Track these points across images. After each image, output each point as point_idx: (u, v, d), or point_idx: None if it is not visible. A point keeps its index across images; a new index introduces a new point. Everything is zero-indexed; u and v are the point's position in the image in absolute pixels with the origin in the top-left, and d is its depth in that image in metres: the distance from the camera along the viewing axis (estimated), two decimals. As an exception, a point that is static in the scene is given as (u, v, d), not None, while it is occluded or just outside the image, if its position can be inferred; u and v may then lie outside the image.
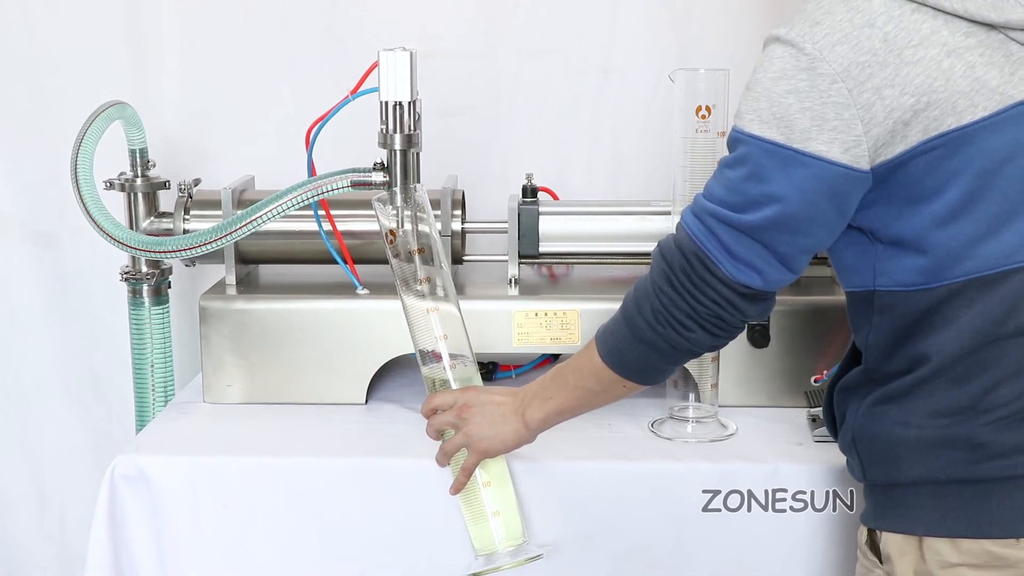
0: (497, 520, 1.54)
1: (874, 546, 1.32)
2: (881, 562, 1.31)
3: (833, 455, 1.61)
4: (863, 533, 1.34)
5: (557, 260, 1.91)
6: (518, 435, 1.49)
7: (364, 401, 1.84)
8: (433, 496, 1.61)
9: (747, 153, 1.23)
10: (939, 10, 1.17)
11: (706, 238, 1.26)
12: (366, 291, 1.86)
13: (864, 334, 1.31)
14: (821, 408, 1.67)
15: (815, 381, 1.76)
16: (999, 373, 1.21)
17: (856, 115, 1.18)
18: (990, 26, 1.17)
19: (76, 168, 1.79)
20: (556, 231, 1.85)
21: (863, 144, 1.19)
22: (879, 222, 1.25)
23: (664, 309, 1.30)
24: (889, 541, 1.28)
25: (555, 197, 1.96)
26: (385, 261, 1.92)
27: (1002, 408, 1.21)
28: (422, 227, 1.61)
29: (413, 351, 1.84)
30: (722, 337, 1.32)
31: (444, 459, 1.55)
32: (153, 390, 2.00)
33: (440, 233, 1.86)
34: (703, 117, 1.65)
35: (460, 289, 1.88)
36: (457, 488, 1.54)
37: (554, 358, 1.91)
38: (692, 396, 1.74)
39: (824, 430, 1.65)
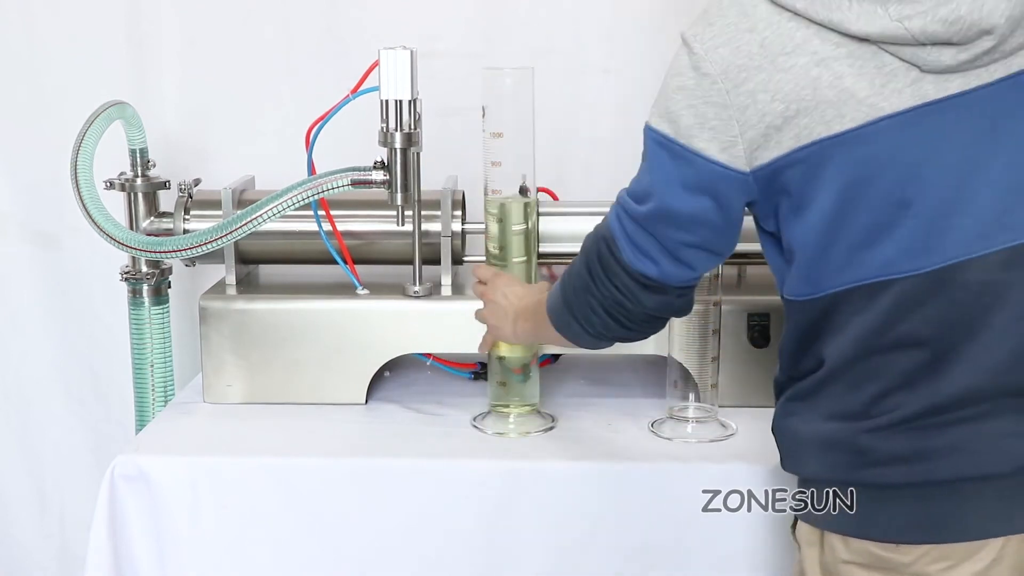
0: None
1: (795, 534, 1.35)
2: (799, 549, 1.34)
3: (833, 455, 1.62)
4: (790, 520, 1.37)
5: (557, 260, 1.91)
6: (511, 335, 1.61)
7: (364, 401, 1.84)
8: (433, 496, 1.61)
9: (647, 144, 1.27)
10: (812, 20, 1.17)
11: (616, 226, 1.31)
12: (366, 291, 1.86)
13: (783, 335, 1.34)
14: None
15: (815, 381, 1.75)
16: (886, 382, 1.22)
17: (732, 116, 1.20)
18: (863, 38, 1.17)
19: (76, 168, 1.79)
20: (555, 231, 1.85)
21: (739, 145, 1.21)
22: (777, 230, 1.27)
23: (582, 289, 1.35)
24: (801, 530, 1.32)
25: (555, 197, 1.96)
26: (385, 261, 1.93)
27: (884, 417, 1.22)
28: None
29: (413, 351, 1.85)
30: (629, 328, 1.35)
31: (479, 322, 1.67)
32: (153, 390, 2.00)
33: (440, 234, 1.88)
34: None
35: (460, 289, 1.88)
36: (480, 348, 1.72)
37: (554, 358, 1.91)
38: (692, 396, 1.73)
39: (824, 430, 1.66)
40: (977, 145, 1.17)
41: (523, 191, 1.69)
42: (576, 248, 1.88)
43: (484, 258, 1.77)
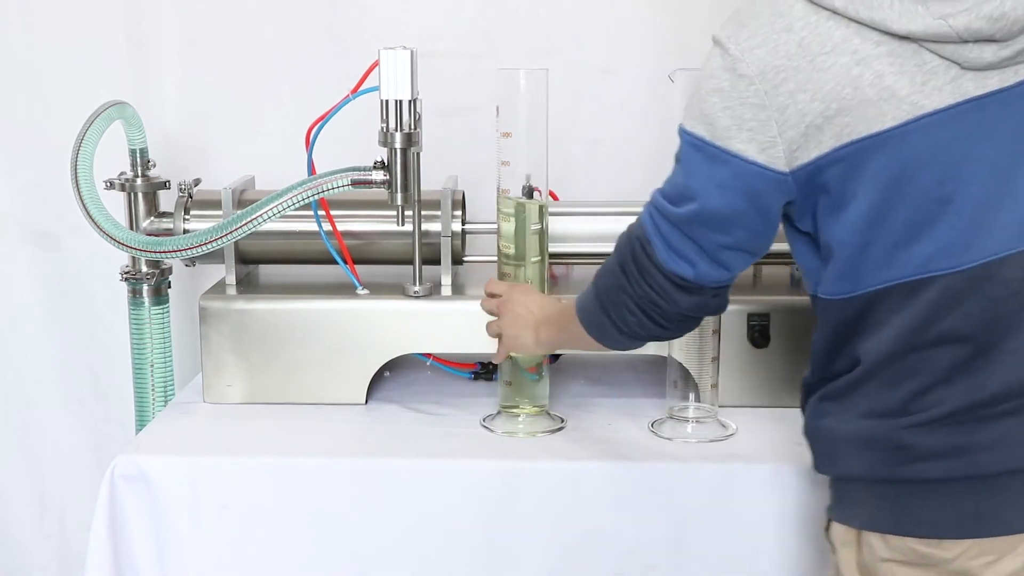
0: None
1: (828, 535, 1.35)
2: (833, 551, 1.34)
3: (833, 455, 1.62)
4: (824, 521, 1.37)
5: (557, 260, 1.91)
6: (533, 345, 1.60)
7: (364, 401, 1.84)
8: (433, 496, 1.61)
9: (681, 148, 1.28)
10: (851, 19, 1.18)
11: (650, 228, 1.30)
12: (366, 291, 1.86)
13: (814, 336, 1.35)
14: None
15: (815, 381, 1.75)
16: (926, 379, 1.22)
17: (771, 117, 1.20)
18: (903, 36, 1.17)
19: (76, 168, 1.79)
20: (556, 231, 1.85)
21: (778, 146, 1.21)
22: (814, 229, 1.27)
23: (616, 289, 1.35)
24: (836, 531, 1.32)
25: (555, 197, 1.96)
26: (385, 261, 1.93)
27: (924, 413, 1.22)
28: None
29: (413, 351, 1.85)
30: (664, 327, 1.35)
31: (491, 336, 1.67)
32: (153, 390, 2.00)
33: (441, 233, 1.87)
34: None
35: (460, 289, 1.88)
36: (496, 359, 1.71)
37: (554, 358, 1.91)
38: (692, 396, 1.73)
39: (824, 430, 1.66)
40: (1017, 141, 1.18)
41: (529, 191, 1.70)
42: (576, 248, 1.91)
43: (495, 258, 1.75)
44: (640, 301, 1.33)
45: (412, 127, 1.76)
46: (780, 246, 1.35)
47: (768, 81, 1.19)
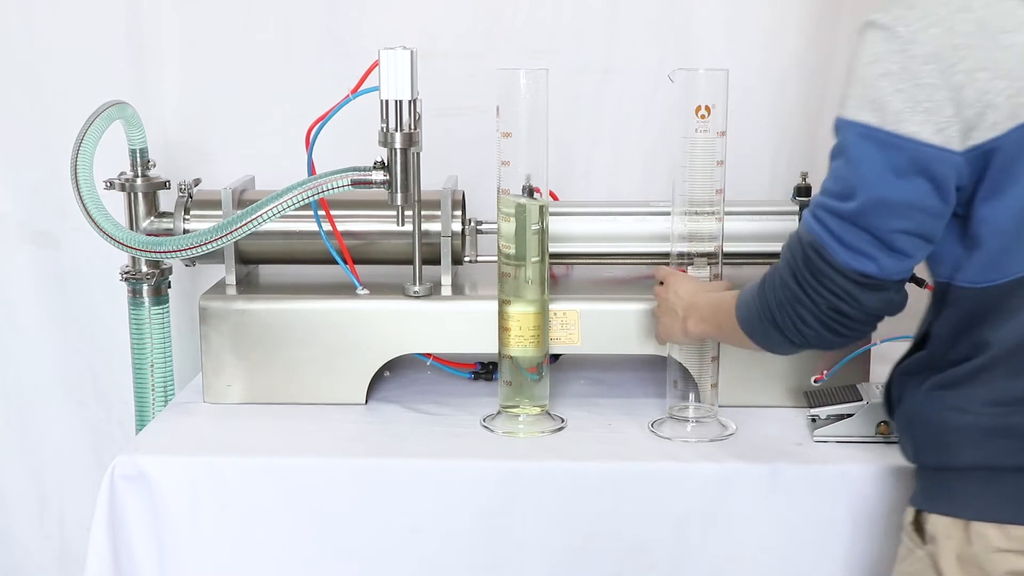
0: None
1: (919, 528, 1.33)
2: (924, 543, 1.31)
3: (833, 455, 1.62)
4: (909, 514, 1.35)
5: (557, 260, 1.91)
6: (680, 333, 1.62)
7: (364, 401, 1.84)
8: (433, 496, 1.61)
9: (845, 139, 1.24)
10: None
11: (819, 229, 1.27)
12: (366, 291, 1.86)
13: (930, 321, 1.33)
14: (821, 408, 1.68)
15: (815, 381, 1.75)
16: None
17: (947, 97, 1.19)
18: None
19: (76, 168, 1.78)
20: (556, 231, 1.85)
21: (954, 126, 1.20)
22: (967, 213, 1.25)
23: (788, 302, 1.32)
24: (936, 523, 1.30)
25: (555, 197, 1.96)
26: (385, 261, 1.93)
27: None
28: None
29: (413, 351, 1.85)
30: (843, 335, 1.32)
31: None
32: (153, 390, 2.00)
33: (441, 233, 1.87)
34: (703, 117, 1.65)
35: (460, 289, 1.88)
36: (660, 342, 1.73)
37: (554, 358, 1.91)
38: (692, 396, 1.73)
39: (824, 430, 1.66)
40: None
41: (529, 191, 1.70)
42: (576, 248, 1.91)
43: (496, 258, 1.75)
44: (820, 311, 1.29)
45: (412, 127, 1.76)
46: (774, 247, 1.34)
47: (944, 60, 1.18)
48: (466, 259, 1.90)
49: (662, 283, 1.68)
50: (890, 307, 1.31)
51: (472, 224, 1.90)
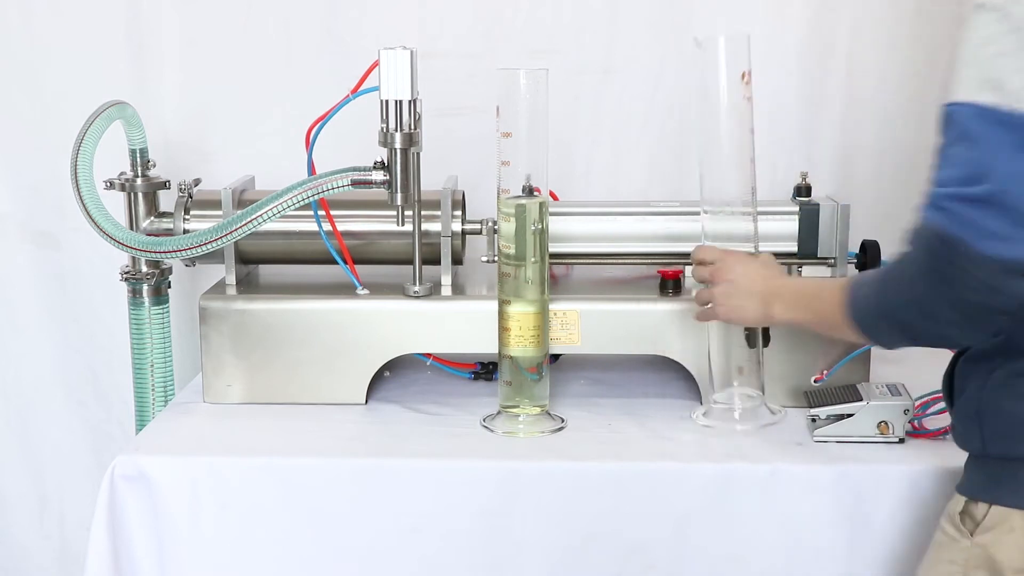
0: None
1: (968, 518, 1.31)
2: (973, 534, 1.30)
3: (833, 455, 1.62)
4: (959, 503, 1.33)
5: (557, 260, 1.91)
6: (760, 317, 1.60)
7: (364, 401, 1.84)
8: (433, 496, 1.61)
9: (964, 124, 1.18)
10: None
11: (949, 222, 1.18)
12: (366, 291, 1.86)
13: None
14: (821, 408, 1.67)
15: (815, 381, 1.75)
16: None
17: None
18: None
19: (76, 168, 1.79)
20: (556, 231, 1.85)
21: None
22: None
23: (918, 302, 1.24)
24: (996, 514, 1.28)
25: (555, 197, 1.96)
26: (385, 261, 1.93)
27: None
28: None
29: (413, 351, 1.85)
30: (988, 330, 1.25)
31: (700, 303, 1.66)
32: (153, 390, 2.00)
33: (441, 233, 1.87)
34: (747, 83, 1.62)
35: (460, 289, 1.88)
36: (698, 319, 1.68)
37: (554, 358, 1.91)
38: (737, 383, 1.72)
39: (824, 430, 1.66)
40: None
41: (529, 191, 1.70)
42: (576, 248, 1.91)
43: (494, 258, 1.75)
44: (961, 308, 1.21)
45: (412, 127, 1.76)
46: (774, 247, 1.33)
47: None
48: (483, 259, 1.89)
49: (706, 262, 1.64)
50: None
51: (490, 224, 1.89)
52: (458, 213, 1.90)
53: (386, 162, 1.76)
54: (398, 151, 1.75)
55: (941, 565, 1.34)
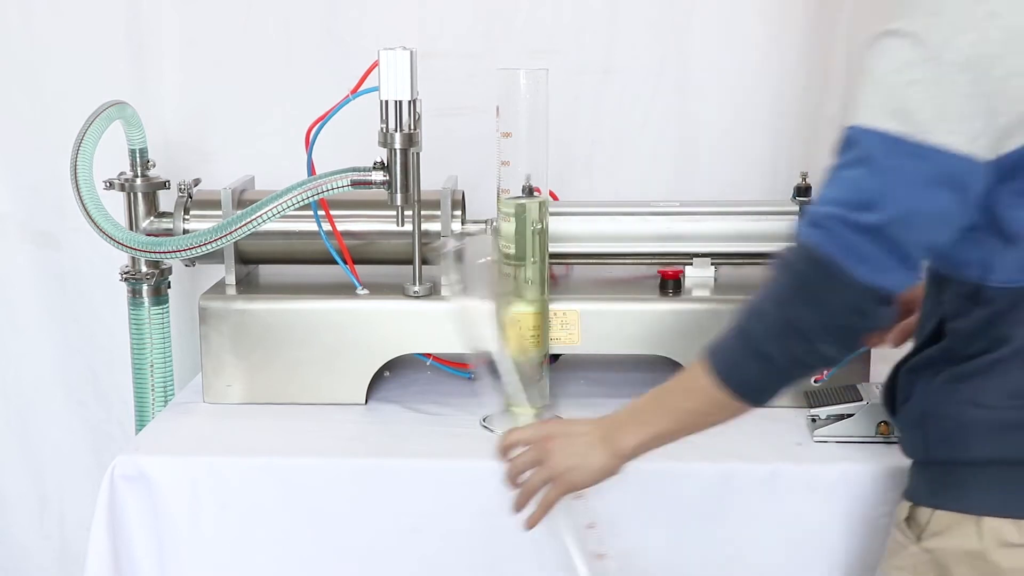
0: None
1: (914, 523, 1.32)
2: (920, 539, 1.30)
3: (833, 455, 1.62)
4: (904, 509, 1.34)
5: (557, 260, 1.91)
6: (606, 465, 1.36)
7: (364, 401, 1.84)
8: (433, 496, 1.61)
9: (867, 149, 1.17)
10: None
11: (833, 244, 1.17)
12: (366, 291, 1.86)
13: (943, 318, 1.30)
14: (821, 408, 1.68)
15: (815, 381, 1.75)
16: None
17: (980, 105, 1.15)
18: None
19: (76, 168, 1.79)
20: (556, 231, 1.85)
21: (986, 135, 1.16)
22: (1002, 215, 1.22)
23: (788, 323, 1.21)
24: (941, 519, 1.28)
25: (555, 197, 1.96)
26: (385, 261, 1.93)
27: None
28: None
29: (413, 351, 1.85)
30: (847, 352, 1.23)
31: (525, 500, 1.39)
32: (153, 390, 2.00)
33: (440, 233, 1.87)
34: None
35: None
36: (532, 523, 1.40)
37: (554, 358, 1.91)
38: None
39: (824, 430, 1.66)
40: None
41: (529, 191, 1.70)
42: (576, 248, 1.91)
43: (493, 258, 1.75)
44: (828, 331, 1.19)
45: (412, 127, 1.76)
46: (774, 247, 1.31)
47: (978, 68, 1.14)
48: (480, 260, 1.89)
49: (520, 444, 1.41)
50: (892, 322, 1.25)
51: (490, 224, 1.89)
52: (458, 213, 1.90)
53: (386, 162, 1.76)
54: (398, 151, 1.75)
55: (892, 571, 1.34)
